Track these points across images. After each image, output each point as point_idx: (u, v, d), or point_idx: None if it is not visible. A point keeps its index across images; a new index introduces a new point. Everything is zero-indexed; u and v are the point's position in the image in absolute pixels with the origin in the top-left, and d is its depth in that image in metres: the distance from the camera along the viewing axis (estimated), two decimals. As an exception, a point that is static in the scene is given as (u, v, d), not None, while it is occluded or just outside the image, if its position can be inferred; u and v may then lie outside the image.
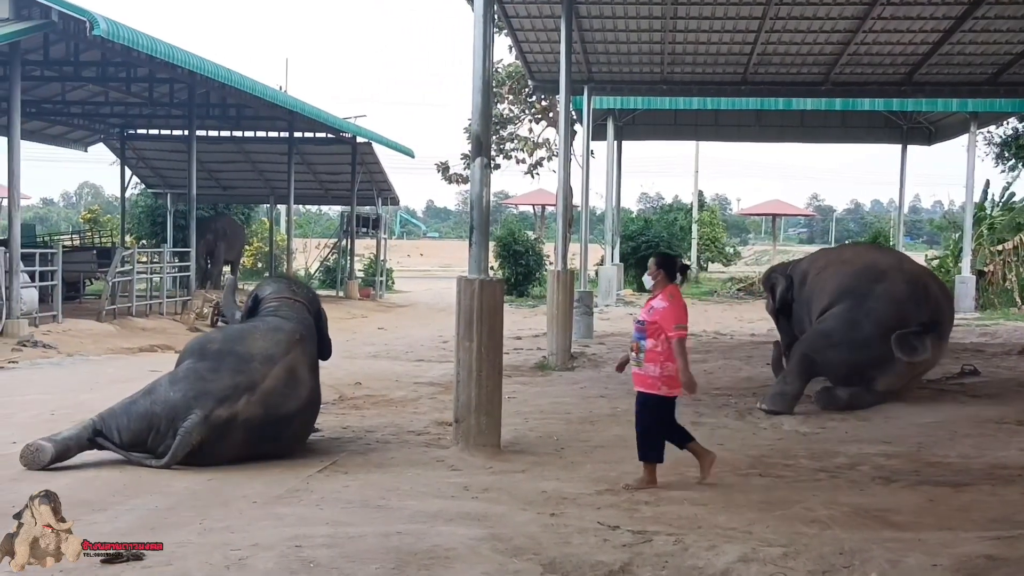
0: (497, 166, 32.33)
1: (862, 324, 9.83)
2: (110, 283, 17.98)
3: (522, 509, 5.90)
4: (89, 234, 32.52)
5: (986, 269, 24.82)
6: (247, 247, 33.40)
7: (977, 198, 26.03)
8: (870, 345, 9.71)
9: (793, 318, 11.18)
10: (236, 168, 30.12)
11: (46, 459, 6.61)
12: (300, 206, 41.99)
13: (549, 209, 42.40)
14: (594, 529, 5.47)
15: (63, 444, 6.73)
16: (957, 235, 26.79)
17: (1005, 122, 29.18)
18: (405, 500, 6.07)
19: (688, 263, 11.17)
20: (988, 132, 29.97)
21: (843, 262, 10.99)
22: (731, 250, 41.07)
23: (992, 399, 10.36)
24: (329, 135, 26.59)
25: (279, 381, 7.06)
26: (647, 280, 6.73)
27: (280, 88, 25.47)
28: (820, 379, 10.21)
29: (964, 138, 25.02)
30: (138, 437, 6.85)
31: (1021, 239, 24.74)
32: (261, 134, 27.29)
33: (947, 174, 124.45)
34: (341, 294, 27.25)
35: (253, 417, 6.86)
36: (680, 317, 6.48)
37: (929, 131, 28.10)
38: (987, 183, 28.52)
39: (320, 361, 7.82)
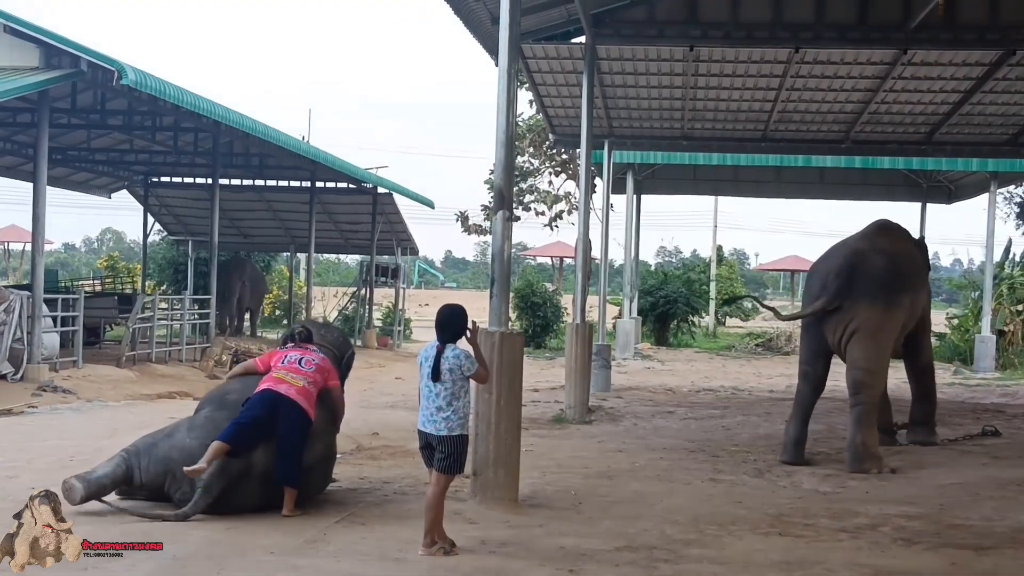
0: (517, 218, 32.48)
1: (804, 305, 10.37)
2: (130, 329, 18.07)
3: (540, 565, 5.87)
4: (108, 280, 32.70)
5: (1006, 329, 24.63)
6: (267, 295, 33.54)
7: (998, 257, 25.91)
8: (808, 326, 10.16)
9: None
10: (258, 216, 30.37)
11: (76, 499, 6.60)
12: (319, 255, 42.15)
13: (567, 261, 42.45)
14: (612, 586, 5.44)
15: (97, 483, 6.74)
16: (976, 294, 26.62)
17: (1025, 182, 29.11)
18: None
19: None
20: (1008, 192, 29.89)
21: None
22: (749, 305, 40.97)
23: (1013, 460, 10.25)
24: (350, 185, 26.80)
25: None
26: None
27: (303, 138, 25.67)
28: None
29: (984, 197, 24.99)
30: (156, 480, 6.90)
31: (1041, 299, 24.61)
32: (283, 183, 27.53)
33: (967, 233, 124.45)
34: (359, 343, 27.18)
35: (269, 469, 6.86)
36: None
37: (949, 190, 28.03)
38: (1009, 241, 28.44)
39: None
